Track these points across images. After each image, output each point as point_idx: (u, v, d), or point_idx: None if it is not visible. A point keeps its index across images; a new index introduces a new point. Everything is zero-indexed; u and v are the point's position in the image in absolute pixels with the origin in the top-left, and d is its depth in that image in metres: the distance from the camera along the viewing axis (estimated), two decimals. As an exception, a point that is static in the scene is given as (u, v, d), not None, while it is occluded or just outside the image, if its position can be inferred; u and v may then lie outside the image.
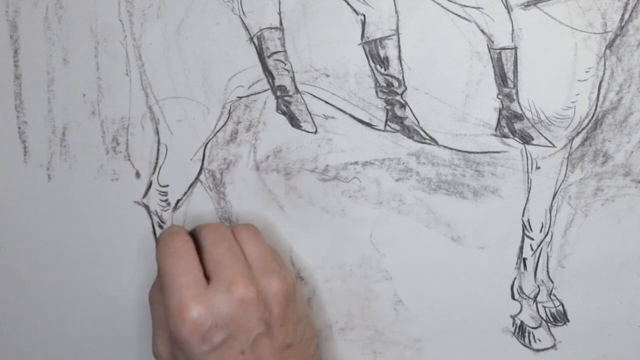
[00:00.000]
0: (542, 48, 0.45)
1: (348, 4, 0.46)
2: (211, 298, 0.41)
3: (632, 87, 0.45)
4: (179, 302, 0.41)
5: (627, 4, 0.43)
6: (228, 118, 0.50)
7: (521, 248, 0.49)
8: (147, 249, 0.53)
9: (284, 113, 0.49)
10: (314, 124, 0.49)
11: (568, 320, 0.49)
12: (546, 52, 0.45)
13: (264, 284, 0.43)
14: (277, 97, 0.49)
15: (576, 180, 0.47)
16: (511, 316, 0.50)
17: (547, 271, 0.49)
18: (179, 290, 0.41)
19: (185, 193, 0.52)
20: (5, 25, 0.50)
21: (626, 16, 0.44)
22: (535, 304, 0.50)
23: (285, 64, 0.48)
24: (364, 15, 0.46)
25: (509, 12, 0.44)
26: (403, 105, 0.47)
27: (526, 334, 0.50)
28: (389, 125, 0.48)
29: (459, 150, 0.48)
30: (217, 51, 0.48)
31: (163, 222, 0.53)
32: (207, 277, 0.43)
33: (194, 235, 0.46)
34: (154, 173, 0.52)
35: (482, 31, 0.45)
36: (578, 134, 0.46)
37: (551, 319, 0.50)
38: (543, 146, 0.46)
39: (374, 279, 0.51)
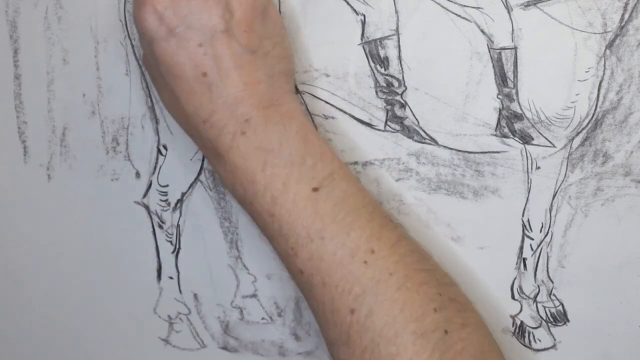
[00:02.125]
0: (542, 48, 0.45)
1: (348, 4, 0.46)
2: None
3: (632, 87, 0.45)
4: None
5: (627, 4, 0.43)
6: (228, 118, 0.50)
7: (521, 248, 0.49)
8: (147, 249, 0.53)
9: (284, 113, 0.49)
10: (314, 124, 0.49)
11: (568, 320, 0.49)
12: (546, 52, 0.45)
13: None
14: (277, 97, 0.49)
15: (576, 180, 0.47)
16: (511, 316, 0.50)
17: (547, 271, 0.49)
18: None
19: (185, 193, 0.52)
20: (5, 25, 0.50)
21: (626, 16, 0.44)
22: (535, 304, 0.50)
23: (285, 64, 0.48)
24: (364, 15, 0.46)
25: (509, 12, 0.44)
26: (403, 105, 0.47)
27: (526, 334, 0.50)
28: (389, 125, 0.48)
29: (459, 150, 0.48)
30: (217, 51, 0.48)
31: (163, 222, 0.53)
32: None
33: None
34: (154, 173, 0.52)
35: (482, 31, 0.45)
36: (578, 134, 0.46)
37: (551, 319, 0.50)
38: (543, 146, 0.46)
39: (374, 279, 0.51)
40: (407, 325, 0.40)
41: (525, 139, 0.46)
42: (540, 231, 0.48)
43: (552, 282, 0.49)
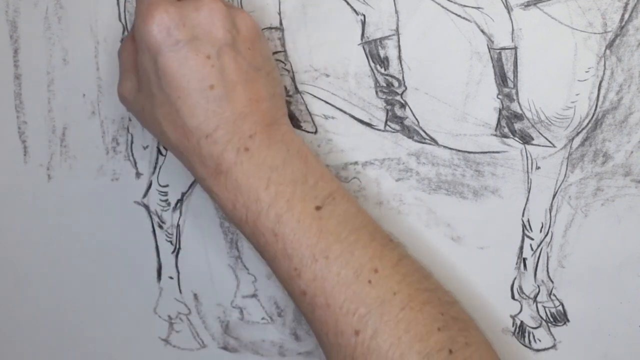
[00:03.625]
0: (542, 48, 0.45)
1: (348, 4, 0.46)
2: (181, 4, 0.41)
3: (632, 87, 0.45)
4: (150, 2, 0.41)
5: (627, 4, 0.43)
6: (228, 118, 0.50)
7: (521, 248, 0.49)
8: (147, 249, 0.53)
9: (284, 113, 0.49)
10: (314, 124, 0.49)
11: (568, 320, 0.49)
12: (546, 52, 0.45)
13: (233, 11, 0.43)
14: (277, 97, 0.49)
15: (576, 180, 0.47)
16: (511, 316, 0.50)
17: (547, 271, 0.49)
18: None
19: (185, 193, 0.52)
20: (5, 25, 0.50)
21: (626, 16, 0.44)
22: (535, 304, 0.50)
23: (285, 64, 0.48)
24: (364, 15, 0.46)
25: (509, 12, 0.44)
26: (403, 105, 0.47)
27: (526, 334, 0.50)
28: (389, 125, 0.48)
29: (459, 150, 0.48)
30: (217, 51, 0.48)
31: (163, 222, 0.53)
32: None
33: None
34: (154, 173, 0.52)
35: (482, 31, 0.45)
36: (578, 134, 0.46)
37: (551, 319, 0.50)
38: (543, 146, 0.46)
39: (374, 279, 0.51)
40: (412, 346, 0.40)
41: (525, 139, 0.46)
42: (540, 231, 0.48)
43: (552, 282, 0.49)
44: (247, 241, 0.49)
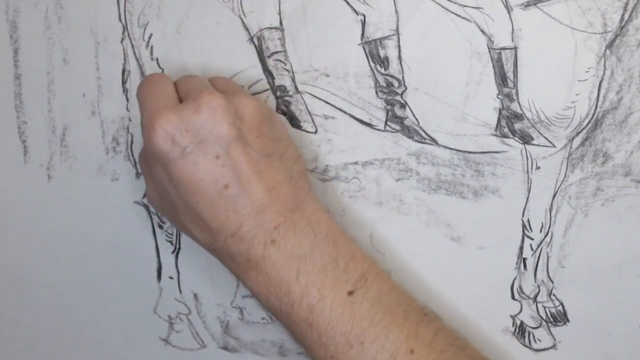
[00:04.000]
0: (542, 48, 0.45)
1: (348, 4, 0.46)
2: (180, 108, 0.41)
3: (632, 87, 0.45)
4: (150, 114, 0.41)
5: (627, 4, 0.43)
6: (228, 118, 0.50)
7: (521, 248, 0.49)
8: (147, 249, 0.53)
9: (284, 113, 0.49)
10: (314, 124, 0.49)
11: (568, 320, 0.49)
12: (546, 52, 0.45)
13: (233, 99, 0.42)
14: (277, 97, 0.49)
15: (576, 180, 0.47)
16: (511, 316, 0.50)
17: (547, 271, 0.49)
18: (151, 107, 0.42)
19: (185, 193, 0.52)
20: (5, 25, 0.50)
21: (626, 16, 0.44)
22: (535, 304, 0.50)
23: (285, 64, 0.48)
24: (364, 15, 0.46)
25: (509, 12, 0.44)
26: (403, 105, 0.47)
27: (526, 334, 0.50)
28: (389, 125, 0.48)
29: (459, 150, 0.48)
30: (217, 51, 0.48)
31: (163, 222, 0.53)
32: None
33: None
34: (154, 173, 0.52)
35: (482, 31, 0.45)
36: (578, 134, 0.46)
37: (551, 319, 0.50)
38: (543, 146, 0.46)
39: (374, 279, 0.51)
40: None
41: (525, 139, 0.46)
42: (540, 231, 0.48)
43: (552, 282, 0.49)
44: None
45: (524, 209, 0.48)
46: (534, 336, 0.50)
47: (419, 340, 0.41)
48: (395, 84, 0.47)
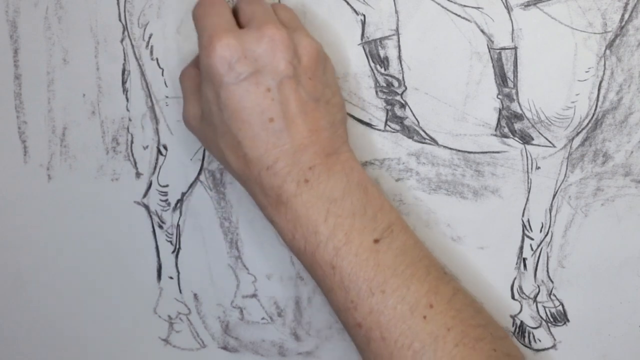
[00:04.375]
0: (542, 48, 0.45)
1: (348, 4, 0.46)
2: (242, 34, 0.41)
3: (632, 87, 0.45)
4: (211, 34, 0.41)
5: (627, 4, 0.43)
6: (228, 118, 0.50)
7: (521, 248, 0.49)
8: (147, 249, 0.53)
9: (284, 113, 0.49)
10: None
11: (568, 320, 0.49)
12: (546, 52, 0.45)
13: (295, 36, 0.43)
14: (277, 97, 0.49)
15: (576, 180, 0.47)
16: (511, 316, 0.50)
17: (547, 271, 0.49)
18: (211, 27, 0.42)
19: (185, 193, 0.52)
20: (5, 25, 0.50)
21: (626, 16, 0.44)
22: (535, 304, 0.50)
23: (285, 64, 0.48)
24: (364, 15, 0.46)
25: (509, 12, 0.44)
26: (403, 105, 0.47)
27: (526, 334, 0.50)
28: (389, 125, 0.48)
29: (459, 150, 0.48)
30: (217, 51, 0.48)
31: (163, 222, 0.53)
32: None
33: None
34: (154, 173, 0.52)
35: (482, 31, 0.45)
36: (578, 134, 0.46)
37: (551, 319, 0.50)
38: (543, 146, 0.46)
39: (374, 279, 0.51)
40: None
41: (525, 139, 0.46)
42: (540, 231, 0.48)
43: (552, 282, 0.49)
44: (247, 239, 0.49)
45: (524, 209, 0.48)
46: (534, 336, 0.50)
47: (439, 296, 0.42)
48: (395, 84, 0.47)
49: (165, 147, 0.51)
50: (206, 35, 0.42)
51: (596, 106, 0.45)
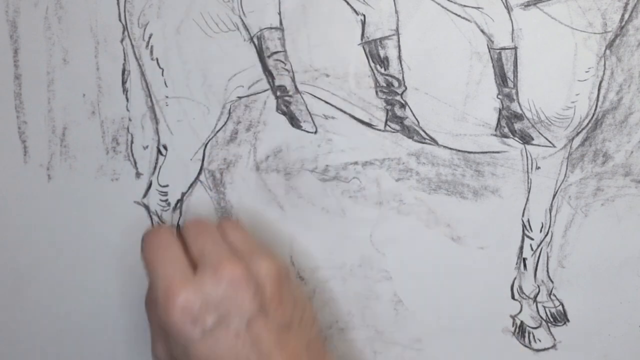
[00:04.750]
0: (542, 48, 0.45)
1: (348, 4, 0.46)
2: (199, 282, 0.40)
3: (632, 87, 0.45)
4: (166, 288, 0.40)
5: (627, 4, 0.43)
6: (228, 118, 0.50)
7: (521, 248, 0.49)
8: (147, 249, 0.53)
9: (284, 113, 0.49)
10: (314, 124, 0.49)
11: (568, 320, 0.49)
12: (546, 52, 0.45)
13: (253, 264, 0.42)
14: (277, 97, 0.49)
15: (576, 180, 0.47)
16: (511, 316, 0.50)
17: (547, 271, 0.49)
18: (166, 279, 0.41)
19: (185, 193, 0.52)
20: (5, 25, 0.50)
21: (626, 16, 0.44)
22: (535, 304, 0.50)
23: (285, 64, 0.48)
24: (364, 15, 0.46)
25: (509, 12, 0.44)
26: (403, 105, 0.47)
27: (526, 334, 0.50)
28: (389, 125, 0.48)
29: (459, 150, 0.48)
30: (217, 51, 0.48)
31: (163, 222, 0.53)
32: (193, 270, 0.42)
33: (179, 235, 0.45)
34: (154, 173, 0.52)
35: (482, 31, 0.45)
36: (578, 134, 0.46)
37: (551, 319, 0.50)
38: (543, 146, 0.46)
39: (374, 279, 0.51)
40: None
41: (525, 139, 0.46)
42: (540, 231, 0.48)
43: (552, 282, 0.49)
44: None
45: (524, 209, 0.48)
46: (534, 336, 0.50)
47: None
48: (395, 84, 0.47)
49: (165, 147, 0.51)
50: (162, 289, 0.40)
51: (596, 106, 0.45)
